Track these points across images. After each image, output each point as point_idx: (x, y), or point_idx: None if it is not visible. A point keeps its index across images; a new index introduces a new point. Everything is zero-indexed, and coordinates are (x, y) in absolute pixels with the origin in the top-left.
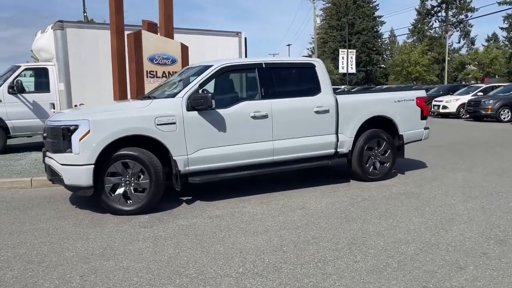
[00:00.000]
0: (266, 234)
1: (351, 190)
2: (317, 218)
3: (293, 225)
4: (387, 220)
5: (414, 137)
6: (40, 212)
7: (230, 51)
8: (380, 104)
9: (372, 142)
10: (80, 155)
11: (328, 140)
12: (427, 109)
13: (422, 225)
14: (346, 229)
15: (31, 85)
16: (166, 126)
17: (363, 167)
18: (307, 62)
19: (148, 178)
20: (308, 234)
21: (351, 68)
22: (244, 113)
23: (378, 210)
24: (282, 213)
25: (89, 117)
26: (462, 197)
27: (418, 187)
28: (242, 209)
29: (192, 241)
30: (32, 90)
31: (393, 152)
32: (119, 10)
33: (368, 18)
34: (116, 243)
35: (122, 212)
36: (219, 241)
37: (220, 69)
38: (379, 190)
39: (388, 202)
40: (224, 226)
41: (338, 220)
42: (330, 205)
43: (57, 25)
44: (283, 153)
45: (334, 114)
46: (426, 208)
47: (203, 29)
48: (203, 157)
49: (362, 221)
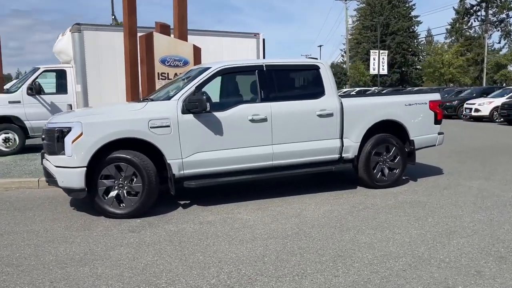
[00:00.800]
0: (252, 242)
1: (355, 197)
2: (310, 227)
3: (283, 234)
4: (383, 231)
5: (426, 143)
6: (37, 213)
7: (248, 52)
8: (388, 107)
9: (380, 147)
10: (73, 158)
11: (332, 145)
12: (441, 113)
13: (419, 238)
14: (336, 239)
15: (50, 87)
16: (160, 129)
17: (370, 173)
18: (311, 64)
19: (141, 182)
20: (295, 244)
21: (382, 69)
22: (242, 116)
23: (376, 220)
24: (276, 220)
25: (81, 120)
26: (472, 208)
27: (427, 196)
28: (236, 215)
29: (175, 248)
30: (50, 92)
31: (403, 158)
32: (132, 12)
33: (404, 18)
34: (99, 248)
35: (115, 215)
36: (201, 249)
37: (218, 71)
38: (384, 198)
39: (390, 211)
40: (212, 233)
41: (331, 229)
42: (328, 213)
43: (75, 28)
44: (284, 157)
45: (339, 118)
46: (429, 219)
47: (221, 30)
48: (198, 161)
49: (356, 231)
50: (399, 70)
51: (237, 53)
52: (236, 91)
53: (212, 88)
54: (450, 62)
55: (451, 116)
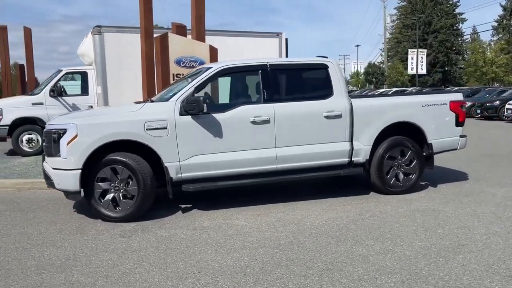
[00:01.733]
0: (240, 252)
1: (365, 204)
2: (306, 236)
3: (275, 243)
4: (384, 243)
5: (446, 146)
6: (38, 215)
7: (271, 52)
8: (403, 108)
9: (394, 151)
10: (68, 160)
11: (340, 148)
12: (463, 114)
13: (422, 251)
14: (330, 251)
15: (72, 89)
16: (157, 131)
17: (383, 179)
18: (319, 63)
19: (136, 185)
20: (285, 255)
21: (421, 69)
22: (243, 118)
23: (380, 230)
24: (273, 228)
25: (77, 121)
26: (490, 218)
27: (444, 204)
28: (233, 221)
29: (159, 256)
30: (72, 93)
31: (419, 162)
32: (148, 13)
33: (447, 15)
34: (83, 253)
35: (110, 219)
36: (185, 257)
37: (219, 71)
38: (396, 205)
39: (398, 220)
40: (202, 240)
41: (328, 239)
42: (331, 220)
43: (95, 30)
44: (288, 161)
45: (348, 120)
46: (438, 230)
47: (242, 30)
48: (197, 164)
49: (355, 242)
50: (441, 70)
51: (259, 53)
52: (238, 92)
53: (222, 88)
54: (492, 61)
55: (492, 118)
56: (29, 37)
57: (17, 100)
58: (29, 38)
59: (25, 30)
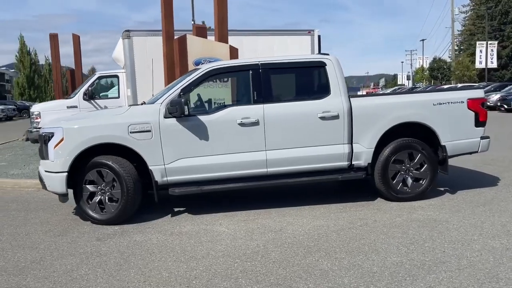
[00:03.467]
0: (199, 260)
1: (362, 211)
2: (278, 245)
3: (240, 253)
4: (356, 256)
5: (464, 149)
6: (38, 216)
7: (302, 50)
8: (411, 107)
9: (401, 154)
10: (55, 163)
11: (338, 151)
12: (484, 113)
13: (392, 268)
14: (292, 263)
15: (106, 92)
16: (140, 134)
17: (388, 184)
18: (316, 61)
19: (120, 188)
20: (242, 266)
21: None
22: (230, 120)
23: (362, 241)
24: (249, 235)
25: (63, 125)
26: (496, 232)
27: (452, 213)
28: (215, 227)
29: (118, 262)
30: (104, 96)
31: (431, 166)
32: (169, 15)
33: None
34: (51, 256)
35: (96, 221)
36: (141, 265)
37: (207, 72)
38: (396, 214)
39: (388, 231)
40: (170, 247)
41: (298, 250)
42: (315, 229)
43: (125, 35)
44: (280, 165)
45: (346, 121)
46: (426, 244)
47: (272, 29)
48: (182, 167)
49: (325, 254)
50: None
51: (289, 52)
52: (227, 93)
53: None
54: None
55: None
56: (77, 44)
57: (54, 103)
58: (77, 45)
59: (73, 37)
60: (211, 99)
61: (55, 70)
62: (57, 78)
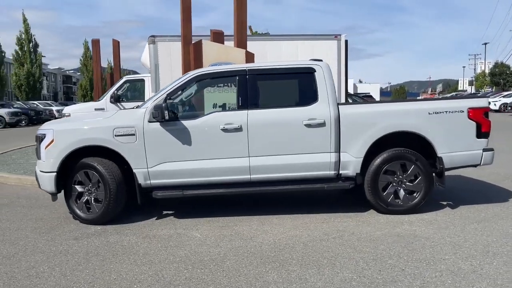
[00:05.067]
0: (154, 265)
1: (345, 223)
2: (238, 254)
3: (197, 259)
4: (308, 270)
5: (464, 161)
6: (36, 212)
7: (328, 56)
8: (404, 116)
9: (393, 164)
10: (46, 163)
11: (324, 159)
12: (487, 124)
13: (338, 284)
14: (240, 273)
15: (133, 95)
16: (125, 138)
17: (378, 195)
18: (304, 67)
19: (103, 189)
20: (188, 273)
21: None
22: (213, 125)
23: (325, 254)
24: (217, 242)
25: (54, 127)
26: (472, 252)
27: (438, 230)
28: (190, 231)
29: (77, 262)
30: (131, 99)
31: (426, 179)
32: (187, 20)
33: None
34: (24, 252)
35: (83, 220)
36: (98, 266)
37: (194, 77)
38: (378, 227)
39: (359, 245)
40: (135, 249)
41: (254, 260)
42: (286, 239)
43: (150, 40)
44: (263, 172)
45: (333, 128)
46: (390, 260)
47: (297, 34)
48: (165, 171)
49: (278, 265)
50: None
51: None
52: (213, 99)
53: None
54: None
55: None
56: (116, 49)
57: (83, 106)
58: (116, 50)
59: (113, 43)
60: (225, 104)
61: (95, 74)
62: (97, 81)
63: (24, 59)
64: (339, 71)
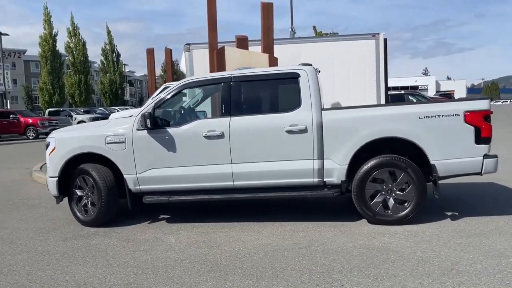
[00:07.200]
0: (111, 268)
1: (323, 233)
2: (194, 261)
3: (153, 265)
4: (247, 280)
5: (461, 169)
6: (51, 213)
7: (365, 56)
8: (392, 121)
9: (381, 172)
10: (49, 168)
11: (307, 166)
12: (488, 128)
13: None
14: (181, 282)
15: None
16: (115, 145)
17: (365, 204)
18: (289, 72)
19: (97, 194)
20: (133, 279)
21: None
22: (196, 133)
23: (277, 265)
24: (185, 248)
25: (56, 135)
26: (431, 270)
27: (417, 243)
28: (168, 236)
29: (48, 263)
30: None
31: (417, 187)
32: (213, 28)
33: None
34: (13, 251)
35: (81, 222)
36: (61, 267)
37: (182, 85)
38: (354, 238)
39: (321, 257)
40: (105, 252)
41: (205, 268)
42: (251, 248)
43: (186, 48)
44: (246, 178)
45: (315, 135)
46: (335, 274)
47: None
48: (153, 177)
49: (222, 274)
50: None
51: (351, 58)
52: (199, 106)
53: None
54: None
55: None
56: (169, 57)
57: (126, 112)
58: (169, 58)
59: (166, 51)
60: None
61: (150, 81)
62: (151, 88)
63: (108, 68)
64: (377, 70)
